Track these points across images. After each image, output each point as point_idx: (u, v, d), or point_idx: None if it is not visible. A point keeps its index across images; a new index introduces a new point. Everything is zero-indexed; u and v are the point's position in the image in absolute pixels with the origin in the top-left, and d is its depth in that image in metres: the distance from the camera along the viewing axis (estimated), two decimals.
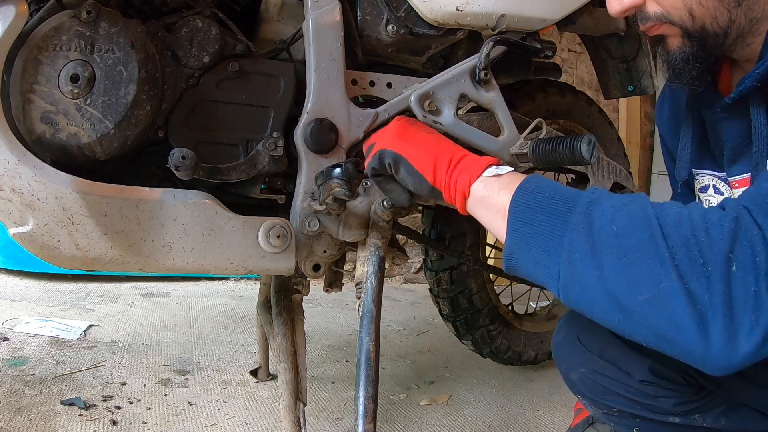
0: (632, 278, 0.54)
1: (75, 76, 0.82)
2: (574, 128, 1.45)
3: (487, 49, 1.01)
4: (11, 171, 0.77)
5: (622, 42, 1.35)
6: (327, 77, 0.94)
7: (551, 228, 0.60)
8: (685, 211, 0.57)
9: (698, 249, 0.53)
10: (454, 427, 1.38)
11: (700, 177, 0.92)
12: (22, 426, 1.18)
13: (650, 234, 0.55)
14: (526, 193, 0.64)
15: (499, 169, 0.70)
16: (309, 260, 0.99)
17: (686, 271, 0.52)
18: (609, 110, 2.75)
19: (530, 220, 0.62)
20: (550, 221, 0.60)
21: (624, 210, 0.58)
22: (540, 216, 0.61)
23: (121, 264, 0.86)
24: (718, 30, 0.72)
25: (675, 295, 0.52)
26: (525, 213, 0.63)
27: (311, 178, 0.93)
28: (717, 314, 0.51)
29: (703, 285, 0.52)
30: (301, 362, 1.06)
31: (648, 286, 0.54)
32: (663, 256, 0.54)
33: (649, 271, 0.54)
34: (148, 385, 1.43)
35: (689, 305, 0.52)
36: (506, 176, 0.68)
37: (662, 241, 0.54)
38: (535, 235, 0.61)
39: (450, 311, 1.56)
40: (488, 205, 0.68)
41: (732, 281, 0.51)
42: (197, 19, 0.92)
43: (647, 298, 0.53)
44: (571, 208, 0.60)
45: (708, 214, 0.56)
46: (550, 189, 0.63)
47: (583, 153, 0.94)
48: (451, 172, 0.73)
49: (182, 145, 0.86)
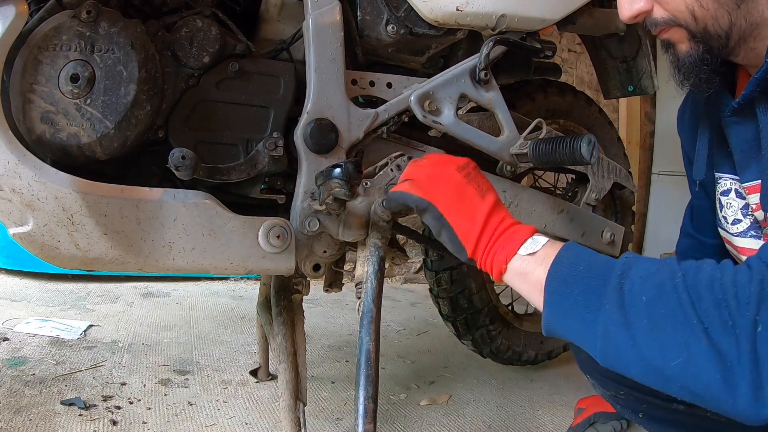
0: (663, 345, 0.60)
1: (75, 76, 0.82)
2: (574, 128, 1.45)
3: (487, 49, 1.01)
4: (11, 171, 0.77)
5: (622, 42, 1.35)
6: (327, 77, 0.94)
7: (586, 302, 0.65)
8: (717, 274, 0.61)
9: (728, 312, 0.57)
10: (454, 427, 1.38)
11: (722, 180, 0.93)
12: (22, 426, 1.18)
13: (678, 302, 0.60)
14: (561, 267, 0.68)
15: (535, 243, 0.72)
16: (309, 260, 0.99)
17: (716, 333, 0.57)
18: (609, 110, 2.75)
19: (566, 295, 0.67)
20: (584, 296, 0.65)
21: (652, 280, 0.62)
22: (575, 291, 0.66)
23: (121, 264, 0.86)
24: (720, 32, 0.75)
25: (704, 357, 0.57)
26: (561, 287, 0.67)
27: (311, 178, 0.93)
28: (745, 371, 0.56)
29: (733, 345, 0.56)
30: (301, 362, 1.06)
31: (679, 351, 0.59)
32: (691, 321, 0.58)
33: (678, 337, 0.59)
34: (148, 385, 1.43)
35: (718, 364, 0.57)
36: (542, 251, 0.71)
37: (690, 308, 0.59)
38: (571, 309, 0.66)
39: (450, 311, 1.55)
40: (525, 280, 0.72)
41: (758, 341, 0.56)
42: (197, 19, 0.92)
43: (679, 363, 0.59)
44: (605, 281, 0.64)
45: (738, 275, 0.60)
46: (584, 263, 0.68)
47: (583, 153, 0.94)
48: (490, 248, 0.75)
49: (182, 145, 0.86)
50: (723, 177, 0.93)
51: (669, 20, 0.77)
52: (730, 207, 0.92)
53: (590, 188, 1.31)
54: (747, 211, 0.89)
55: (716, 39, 0.75)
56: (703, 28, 0.75)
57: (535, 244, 0.72)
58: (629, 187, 1.44)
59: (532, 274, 0.71)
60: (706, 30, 0.75)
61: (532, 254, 0.71)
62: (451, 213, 0.76)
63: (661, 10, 0.77)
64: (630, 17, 0.79)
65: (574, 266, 0.68)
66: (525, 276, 0.72)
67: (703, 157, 0.94)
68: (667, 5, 0.76)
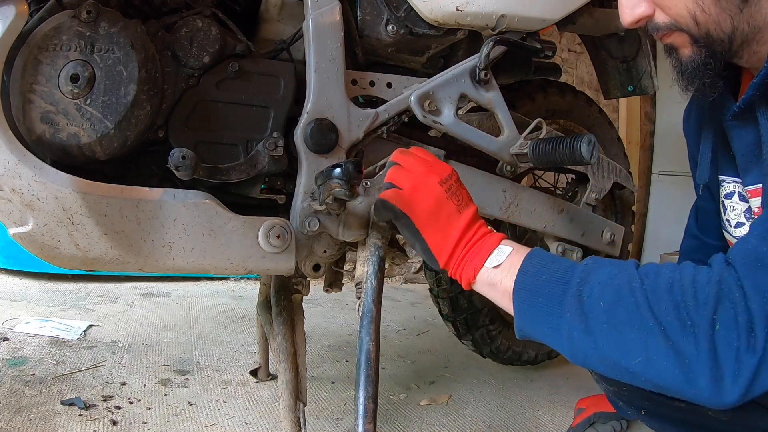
0: (623, 347, 0.63)
1: (75, 76, 0.81)
2: (574, 128, 1.45)
3: (487, 49, 1.01)
4: (11, 171, 0.77)
5: (622, 42, 1.35)
6: (327, 77, 0.94)
7: (550, 310, 0.69)
8: (677, 275, 0.64)
9: (687, 312, 0.61)
10: (454, 427, 1.38)
11: (726, 183, 0.93)
12: (22, 426, 1.18)
13: (635, 305, 0.63)
14: (526, 277, 0.72)
15: (500, 255, 0.76)
16: (309, 260, 0.99)
17: (675, 333, 0.60)
18: (609, 110, 2.75)
19: (532, 303, 0.71)
20: (548, 304, 0.69)
21: (611, 286, 0.66)
22: (540, 299, 0.70)
23: (121, 264, 0.86)
24: (723, 36, 0.75)
25: (662, 356, 0.61)
26: (527, 296, 0.72)
27: (311, 178, 0.93)
28: (704, 368, 0.59)
29: (692, 343, 0.60)
30: (301, 362, 1.06)
31: (638, 352, 0.62)
32: (647, 324, 0.62)
33: (636, 339, 0.62)
34: (148, 385, 1.43)
35: (677, 362, 0.60)
36: (506, 262, 0.75)
37: (647, 310, 0.62)
38: (538, 316, 0.71)
39: (450, 311, 1.55)
40: (493, 289, 0.76)
41: (716, 339, 0.59)
42: (197, 19, 0.92)
43: (639, 361, 0.62)
44: (565, 289, 0.68)
45: (697, 276, 0.63)
46: (546, 271, 0.71)
47: (583, 153, 0.94)
48: (459, 261, 0.78)
49: (182, 145, 0.86)
50: (727, 180, 0.93)
51: (671, 25, 0.77)
52: (733, 210, 0.92)
53: (590, 188, 1.31)
54: (750, 214, 0.89)
55: (719, 43, 0.75)
56: (706, 33, 0.75)
57: (500, 255, 0.76)
58: (629, 187, 1.44)
59: (500, 284, 0.75)
60: (708, 34, 0.75)
61: (497, 266, 0.75)
62: (426, 229, 0.79)
63: (663, 14, 0.77)
64: (631, 22, 0.79)
65: (538, 275, 0.72)
66: (493, 286, 0.76)
67: (707, 161, 0.94)
68: (669, 10, 0.76)
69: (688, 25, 0.75)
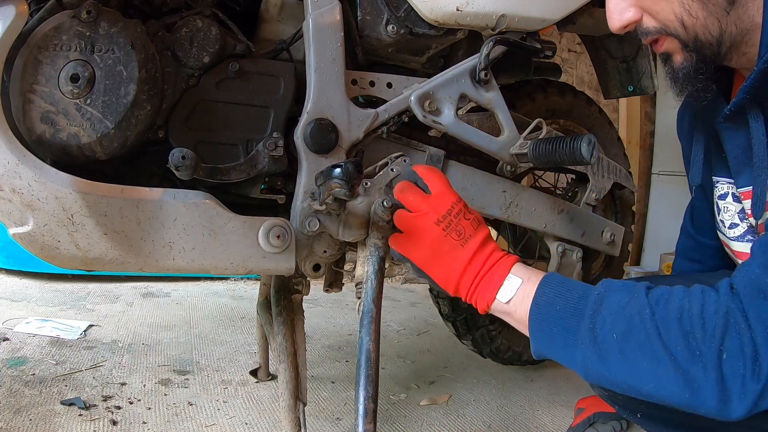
0: (636, 375, 0.67)
1: (75, 76, 0.81)
2: (574, 128, 1.45)
3: (487, 49, 1.01)
4: (11, 171, 0.77)
5: (622, 42, 1.35)
6: (327, 77, 0.94)
7: (565, 340, 0.72)
8: (686, 304, 0.67)
9: (695, 342, 0.64)
10: (454, 427, 1.38)
11: (719, 184, 0.93)
12: (22, 426, 1.18)
13: (646, 336, 0.67)
14: (540, 308, 0.75)
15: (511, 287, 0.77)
16: (309, 260, 0.99)
17: (685, 361, 0.64)
18: (609, 110, 2.75)
19: (547, 333, 0.74)
20: (563, 336, 0.72)
21: (622, 316, 0.69)
22: (554, 329, 0.73)
23: (121, 264, 0.86)
24: (711, 39, 0.75)
25: (672, 382, 0.65)
26: (542, 326, 0.75)
27: (311, 178, 0.93)
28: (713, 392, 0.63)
29: (700, 371, 0.64)
30: (301, 362, 1.06)
31: (649, 379, 0.66)
32: (658, 354, 0.66)
33: (647, 367, 0.66)
34: (148, 385, 1.43)
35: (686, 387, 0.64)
36: (518, 294, 0.77)
37: (657, 340, 0.66)
38: (553, 345, 0.74)
39: (450, 311, 1.55)
40: (510, 318, 0.80)
41: (723, 366, 0.63)
42: (197, 19, 0.92)
43: (651, 387, 0.67)
44: (579, 320, 0.71)
45: (705, 306, 0.66)
46: (560, 301, 0.74)
47: (583, 153, 0.94)
48: (471, 293, 0.80)
49: (182, 145, 0.86)
50: (720, 181, 0.93)
51: (659, 29, 0.77)
52: (727, 211, 0.93)
53: (590, 188, 1.31)
54: (744, 215, 0.89)
55: (708, 47, 0.76)
56: (694, 37, 0.75)
57: (511, 289, 0.77)
58: (629, 187, 1.44)
59: (514, 313, 0.77)
60: (697, 38, 0.75)
61: (509, 301, 0.77)
62: (428, 268, 0.81)
63: (651, 19, 0.77)
64: (620, 27, 0.80)
65: (551, 306, 0.74)
66: (508, 315, 0.79)
67: (699, 162, 0.95)
68: (657, 15, 0.76)
69: (676, 29, 0.75)
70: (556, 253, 1.27)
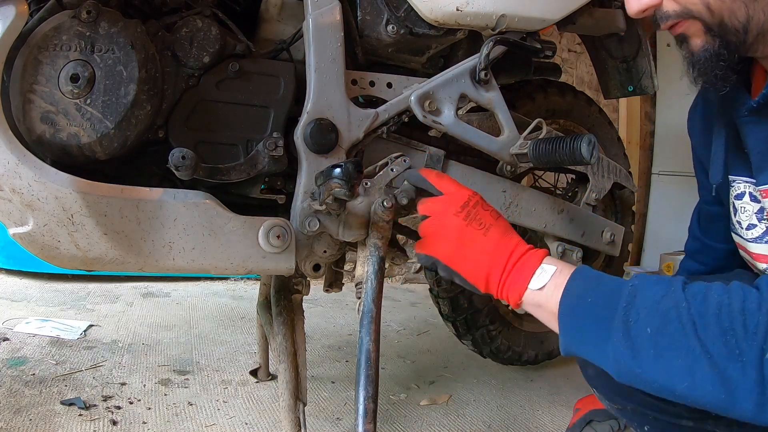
0: (669, 372, 0.63)
1: (75, 76, 0.81)
2: (574, 128, 1.45)
3: (487, 49, 1.01)
4: (11, 171, 0.77)
5: (622, 42, 1.35)
6: (327, 77, 0.94)
7: (597, 333, 0.68)
8: (725, 300, 0.63)
9: (735, 340, 0.60)
10: (454, 427, 1.38)
11: (736, 184, 0.90)
12: (22, 426, 1.18)
13: (682, 331, 0.63)
14: (571, 300, 0.72)
15: (544, 274, 0.74)
16: (309, 260, 0.98)
17: (722, 359, 0.60)
18: (609, 110, 2.75)
19: (578, 327, 0.71)
20: (594, 328, 0.69)
21: (657, 310, 0.65)
22: (586, 322, 0.70)
23: (121, 264, 0.86)
24: (738, 25, 0.72)
25: (708, 381, 0.61)
26: (572, 320, 0.71)
27: (311, 178, 0.93)
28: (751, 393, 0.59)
29: (738, 371, 0.60)
30: (301, 362, 1.06)
31: (684, 377, 0.62)
32: (694, 350, 0.62)
33: (682, 364, 0.62)
34: (148, 385, 1.43)
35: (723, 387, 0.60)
36: (551, 282, 0.74)
37: (693, 337, 0.62)
38: (584, 339, 0.70)
39: (450, 311, 1.55)
40: (539, 310, 0.76)
41: (764, 367, 0.59)
42: (197, 19, 0.92)
43: (686, 386, 0.62)
44: (611, 314, 0.67)
45: (746, 303, 0.62)
46: (591, 293, 0.70)
47: (583, 153, 0.94)
48: (502, 285, 0.77)
49: (182, 145, 0.86)
50: (737, 180, 0.90)
51: (681, 13, 0.74)
52: (744, 211, 0.90)
53: (590, 188, 1.31)
54: (762, 215, 0.87)
55: (733, 33, 0.72)
56: (720, 21, 0.72)
57: (544, 276, 0.74)
58: (629, 187, 1.44)
59: (546, 305, 0.73)
60: (722, 23, 0.72)
61: (542, 288, 0.74)
62: (454, 261, 0.78)
63: (672, 2, 0.74)
64: (638, 11, 0.76)
65: (583, 298, 0.70)
66: (540, 307, 0.75)
67: (720, 160, 0.91)
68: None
69: (700, 12, 0.72)
70: (556, 253, 1.26)
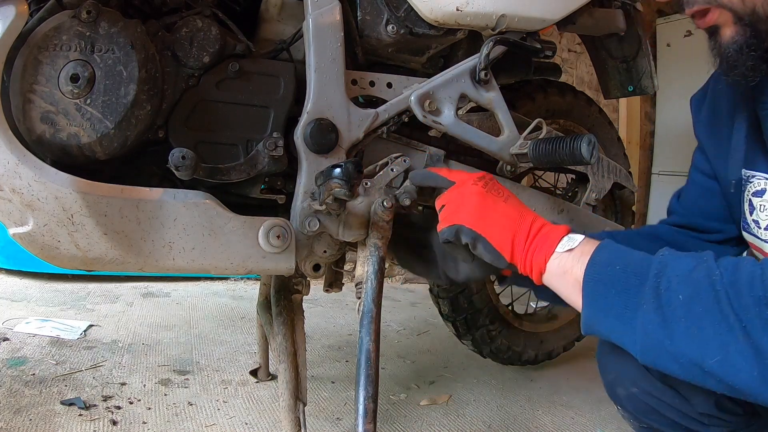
0: (701, 344, 0.60)
1: (75, 76, 0.81)
2: (574, 128, 1.45)
3: (487, 49, 1.01)
4: (11, 171, 0.77)
5: (622, 42, 1.35)
6: (327, 77, 0.94)
7: (624, 302, 0.65)
8: (758, 270, 0.60)
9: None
10: (454, 427, 1.38)
11: (755, 180, 0.86)
12: (22, 426, 1.18)
13: (715, 300, 0.59)
14: (598, 267, 0.68)
15: (571, 241, 0.72)
16: (309, 260, 0.98)
17: (756, 330, 0.57)
18: (609, 110, 2.75)
19: (604, 295, 0.67)
20: (622, 296, 0.65)
21: (689, 279, 0.62)
22: (612, 290, 0.66)
23: (121, 264, 0.86)
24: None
25: (741, 354, 0.58)
26: (598, 287, 0.67)
27: (311, 178, 0.93)
28: None
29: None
30: (301, 362, 1.06)
31: (717, 349, 0.59)
32: (728, 319, 0.58)
33: (715, 335, 0.59)
34: (148, 385, 1.43)
35: (756, 360, 0.57)
36: (578, 248, 0.71)
37: (727, 306, 0.59)
38: (609, 309, 0.66)
39: (450, 311, 1.55)
40: (563, 279, 0.71)
41: None
42: (197, 19, 0.92)
43: (717, 360, 0.59)
44: (641, 281, 0.64)
45: None
46: (620, 261, 0.67)
47: (583, 153, 0.94)
48: (527, 249, 0.74)
49: (182, 145, 0.86)
50: (757, 176, 0.85)
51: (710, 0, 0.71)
52: (763, 210, 0.85)
53: (590, 188, 1.31)
54: None
55: (765, 22, 0.70)
56: (752, 10, 0.69)
57: (572, 242, 0.72)
58: (629, 187, 1.44)
59: (570, 272, 0.70)
60: (754, 11, 0.69)
61: (570, 251, 0.71)
62: (479, 224, 0.76)
63: None
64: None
65: (611, 265, 0.67)
66: (564, 275, 0.71)
67: (741, 153, 0.87)
68: None
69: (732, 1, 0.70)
70: None
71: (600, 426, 1.43)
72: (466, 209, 0.78)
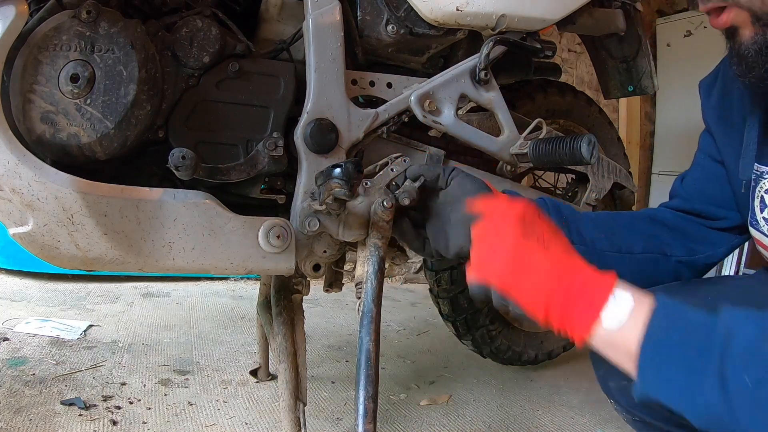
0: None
1: (75, 76, 0.81)
2: (574, 128, 1.45)
3: (487, 49, 1.02)
4: (11, 171, 0.77)
5: (622, 42, 1.35)
6: (327, 77, 0.94)
7: (686, 378, 0.59)
8: None
9: None
10: (454, 427, 1.38)
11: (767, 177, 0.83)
12: (22, 426, 1.18)
13: None
14: (655, 344, 0.61)
15: (619, 309, 0.62)
16: (309, 260, 0.98)
17: None
18: (609, 110, 2.75)
19: (662, 369, 0.61)
20: (683, 372, 0.59)
21: (758, 354, 0.56)
22: (672, 365, 0.60)
23: (121, 264, 0.86)
24: None
25: None
26: (656, 360, 0.61)
27: (311, 178, 0.93)
28: None
29: None
30: (301, 362, 1.06)
31: None
32: None
33: None
34: (148, 385, 1.43)
35: None
36: (630, 320, 0.62)
37: None
38: (668, 382, 0.61)
39: (450, 311, 1.55)
40: (612, 350, 0.64)
41: None
42: (197, 19, 0.92)
43: None
44: (705, 357, 0.58)
45: None
46: (678, 329, 0.61)
47: (583, 153, 0.94)
48: (565, 317, 0.64)
49: (182, 145, 0.86)
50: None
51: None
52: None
53: (590, 188, 1.31)
54: None
55: None
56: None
57: (620, 310, 0.62)
58: (629, 187, 1.44)
59: (622, 345, 0.62)
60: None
61: (621, 328, 0.62)
62: (510, 282, 0.67)
63: None
64: None
65: (668, 339, 0.61)
66: (612, 346, 0.63)
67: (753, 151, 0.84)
68: None
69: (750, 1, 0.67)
70: None
71: (600, 426, 1.43)
72: (499, 261, 0.67)
